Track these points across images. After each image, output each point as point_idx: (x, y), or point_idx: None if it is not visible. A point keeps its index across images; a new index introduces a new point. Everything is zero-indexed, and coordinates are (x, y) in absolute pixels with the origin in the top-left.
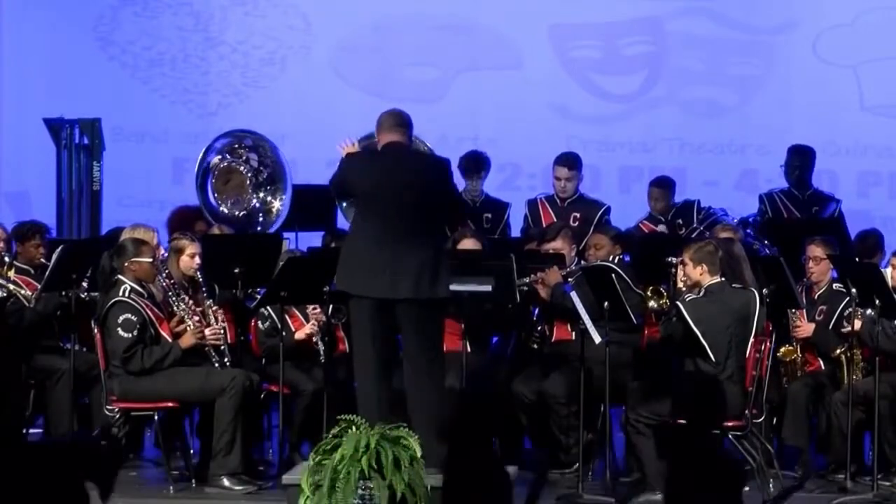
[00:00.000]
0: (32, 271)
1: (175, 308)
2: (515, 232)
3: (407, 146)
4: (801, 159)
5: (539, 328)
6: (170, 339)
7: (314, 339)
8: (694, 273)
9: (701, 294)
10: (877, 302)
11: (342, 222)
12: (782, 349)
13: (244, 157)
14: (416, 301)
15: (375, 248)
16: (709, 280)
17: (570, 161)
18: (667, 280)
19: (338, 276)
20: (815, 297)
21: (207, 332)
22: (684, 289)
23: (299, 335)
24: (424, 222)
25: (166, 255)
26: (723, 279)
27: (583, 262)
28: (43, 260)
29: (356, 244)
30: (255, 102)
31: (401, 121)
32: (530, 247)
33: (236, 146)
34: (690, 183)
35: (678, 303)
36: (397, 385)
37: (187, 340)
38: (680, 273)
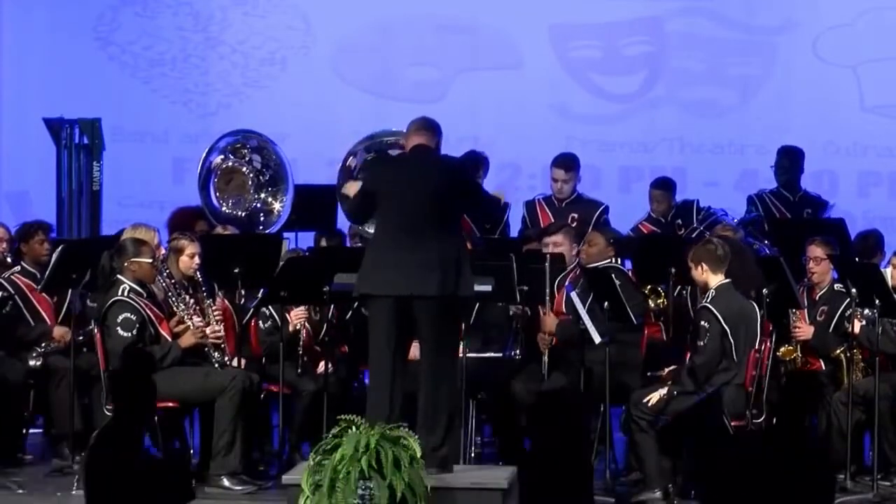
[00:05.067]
0: (38, 275)
1: (175, 308)
2: (514, 232)
3: (431, 149)
4: (789, 160)
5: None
6: (170, 339)
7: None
8: (697, 273)
9: (712, 295)
10: (877, 302)
11: (342, 222)
12: (782, 349)
13: (247, 158)
14: (436, 299)
15: (396, 248)
16: (714, 280)
17: (566, 162)
18: (666, 282)
19: (358, 280)
20: (816, 297)
21: (208, 331)
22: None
23: (293, 319)
24: (445, 222)
25: (166, 254)
26: (728, 280)
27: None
28: (48, 257)
29: (376, 245)
30: (255, 102)
31: (426, 124)
32: (530, 246)
33: (239, 146)
34: (690, 183)
35: (706, 308)
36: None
37: (187, 340)
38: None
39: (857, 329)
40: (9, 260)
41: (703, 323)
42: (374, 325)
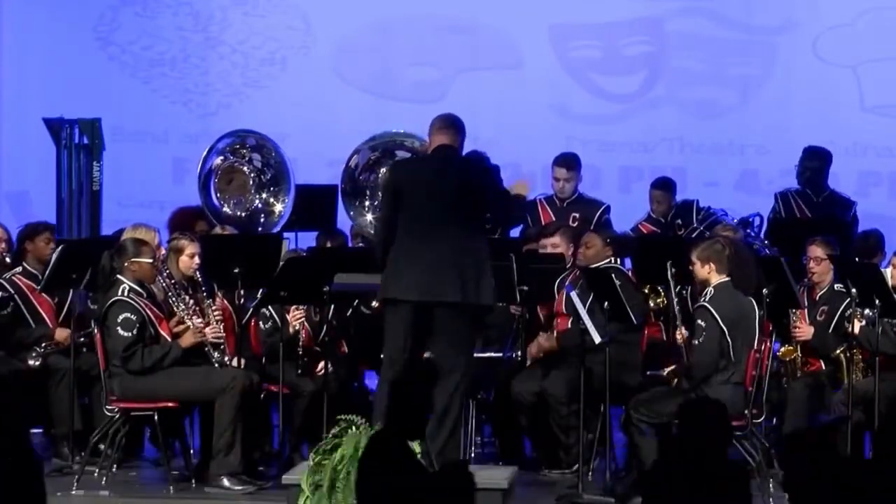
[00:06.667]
0: (40, 276)
1: (175, 308)
2: (514, 232)
3: (454, 149)
4: (813, 161)
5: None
6: (169, 339)
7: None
8: (702, 272)
9: (711, 294)
10: (877, 302)
11: (342, 222)
12: (782, 349)
13: (247, 157)
14: (456, 306)
15: (417, 251)
16: (716, 279)
17: (568, 161)
18: (666, 282)
19: (382, 283)
20: (817, 297)
21: (207, 330)
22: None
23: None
24: (466, 225)
25: (166, 254)
26: (728, 278)
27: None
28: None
29: (398, 248)
30: (255, 102)
31: (448, 122)
32: (530, 247)
33: (238, 146)
34: (690, 183)
35: (703, 307)
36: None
37: (187, 340)
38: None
39: (857, 329)
40: (7, 260)
41: (699, 321)
42: (391, 328)
